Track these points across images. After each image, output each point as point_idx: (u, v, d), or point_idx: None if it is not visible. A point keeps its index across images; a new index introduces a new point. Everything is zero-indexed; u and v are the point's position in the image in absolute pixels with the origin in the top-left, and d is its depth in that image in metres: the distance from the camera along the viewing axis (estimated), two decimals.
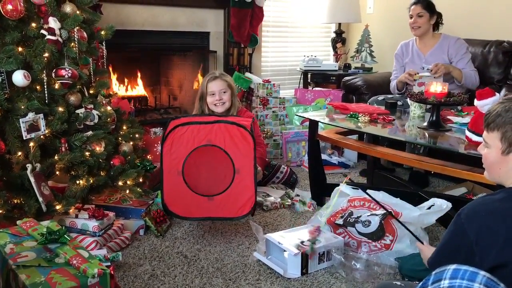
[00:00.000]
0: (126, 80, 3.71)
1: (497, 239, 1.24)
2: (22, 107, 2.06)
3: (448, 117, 2.51)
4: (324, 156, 3.36)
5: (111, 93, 2.76)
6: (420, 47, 3.27)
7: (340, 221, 2.13)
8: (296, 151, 3.55)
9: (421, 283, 1.17)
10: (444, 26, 3.24)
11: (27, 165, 2.05)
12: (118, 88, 3.60)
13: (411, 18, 3.20)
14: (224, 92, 2.77)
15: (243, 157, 2.13)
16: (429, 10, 3.16)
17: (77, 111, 2.31)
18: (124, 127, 2.61)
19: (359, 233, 2.07)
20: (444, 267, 1.13)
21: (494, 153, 1.39)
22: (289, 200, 2.71)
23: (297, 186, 3.02)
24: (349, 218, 2.11)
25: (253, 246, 2.16)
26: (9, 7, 2.05)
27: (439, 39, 3.21)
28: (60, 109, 2.20)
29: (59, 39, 2.21)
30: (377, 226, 2.03)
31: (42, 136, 2.13)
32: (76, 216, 2.13)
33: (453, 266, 1.11)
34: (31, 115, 2.07)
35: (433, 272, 1.14)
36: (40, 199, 2.04)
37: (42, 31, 2.17)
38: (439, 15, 3.21)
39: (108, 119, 2.43)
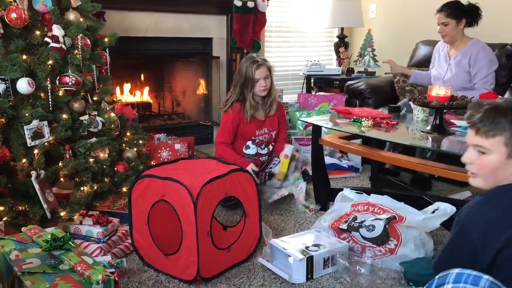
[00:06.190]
0: (129, 87, 3.73)
1: (500, 229, 1.26)
2: (27, 114, 2.08)
3: (452, 120, 2.50)
4: (333, 160, 3.35)
5: (114, 99, 2.77)
6: (449, 50, 3.20)
7: (344, 226, 2.12)
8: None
9: (424, 287, 1.17)
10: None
11: (32, 172, 2.06)
12: (122, 95, 3.62)
13: (438, 25, 3.09)
14: (267, 78, 2.79)
15: (251, 201, 2.12)
16: (454, 16, 3.01)
17: (81, 118, 2.32)
18: (128, 134, 2.63)
19: (363, 237, 2.06)
20: (447, 271, 1.13)
21: (496, 158, 1.34)
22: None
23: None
24: (353, 223, 2.11)
25: (257, 252, 2.15)
26: (14, 15, 2.07)
27: (467, 44, 3.08)
28: (64, 116, 2.22)
29: (63, 46, 2.23)
30: (381, 231, 2.02)
31: (46, 143, 2.15)
32: (81, 223, 2.13)
33: (456, 270, 1.12)
34: (35, 122, 2.08)
35: (437, 276, 1.14)
36: (45, 206, 2.05)
37: (46, 39, 2.20)
38: (471, 13, 3.03)
39: (112, 126, 2.44)
